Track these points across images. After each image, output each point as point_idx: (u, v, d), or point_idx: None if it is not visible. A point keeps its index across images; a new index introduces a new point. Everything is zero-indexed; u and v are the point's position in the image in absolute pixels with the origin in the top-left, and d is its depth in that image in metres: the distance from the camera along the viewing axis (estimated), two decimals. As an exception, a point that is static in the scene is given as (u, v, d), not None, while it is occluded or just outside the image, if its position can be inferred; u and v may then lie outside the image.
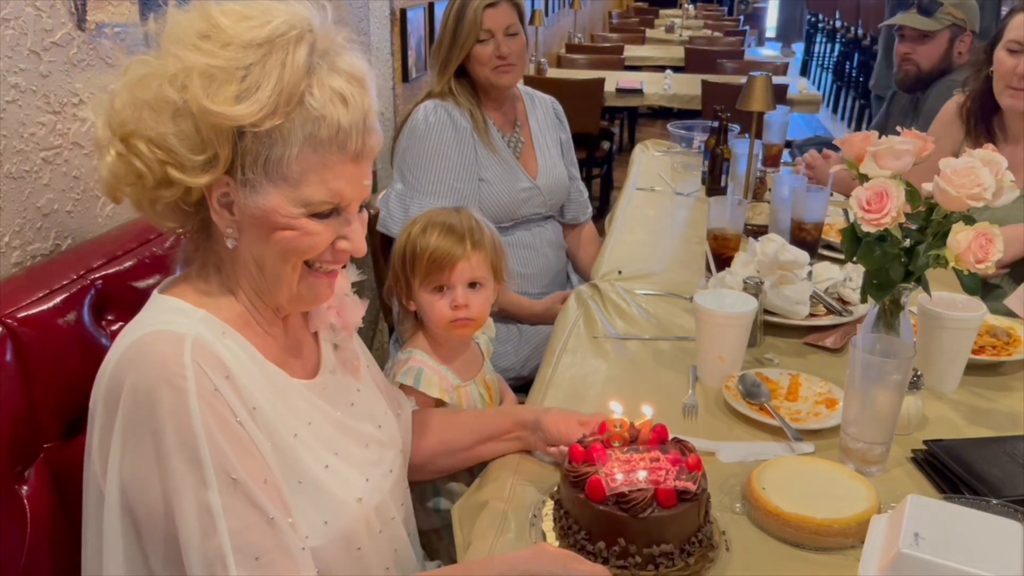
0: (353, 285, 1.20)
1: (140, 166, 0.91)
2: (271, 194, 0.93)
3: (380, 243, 2.27)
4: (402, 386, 1.45)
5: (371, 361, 1.26)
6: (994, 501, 1.04)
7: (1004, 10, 3.60)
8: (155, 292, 1.01)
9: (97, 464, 0.91)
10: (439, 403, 1.48)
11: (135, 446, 0.88)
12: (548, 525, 1.08)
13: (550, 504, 1.11)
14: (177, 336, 0.90)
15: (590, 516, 1.00)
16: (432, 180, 2.07)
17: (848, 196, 1.20)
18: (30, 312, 1.03)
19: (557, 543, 1.04)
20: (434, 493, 1.49)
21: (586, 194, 2.46)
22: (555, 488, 1.13)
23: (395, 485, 1.15)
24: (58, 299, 1.07)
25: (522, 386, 1.92)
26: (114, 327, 1.15)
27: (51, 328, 1.05)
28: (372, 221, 2.26)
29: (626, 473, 1.01)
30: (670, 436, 1.10)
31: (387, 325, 2.38)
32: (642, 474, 1.01)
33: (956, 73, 2.67)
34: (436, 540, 1.49)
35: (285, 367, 1.03)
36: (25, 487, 1.00)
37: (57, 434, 1.05)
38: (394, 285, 1.55)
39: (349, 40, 0.98)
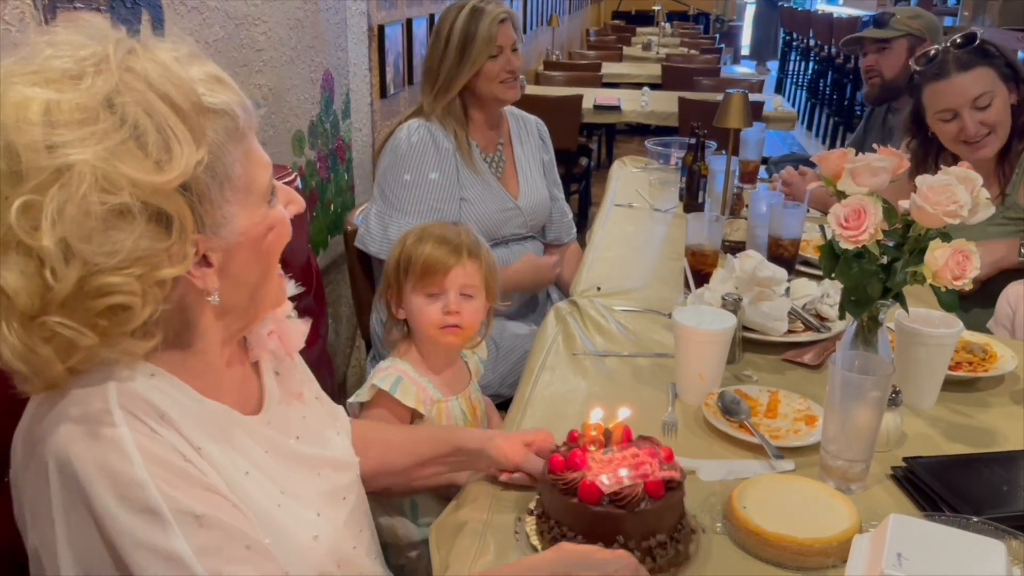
0: (291, 299, 1.09)
1: (121, 299, 0.76)
2: (238, 214, 0.85)
3: (358, 260, 2.25)
4: (378, 391, 1.43)
5: (312, 379, 1.18)
6: (975, 519, 1.03)
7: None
8: None
9: (38, 542, 0.82)
10: (414, 414, 1.47)
11: (74, 515, 0.77)
12: (536, 540, 1.07)
13: (530, 520, 1.10)
14: (96, 382, 0.80)
15: (586, 519, 1.02)
16: (412, 199, 2.06)
17: (824, 212, 1.21)
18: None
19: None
20: (411, 506, 1.47)
21: (570, 215, 2.46)
22: (531, 504, 1.13)
23: (352, 510, 1.10)
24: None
25: (501, 404, 1.91)
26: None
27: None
28: (350, 238, 2.24)
29: (611, 473, 1.05)
30: (634, 435, 1.14)
31: (364, 342, 2.36)
32: (624, 471, 1.05)
33: None
34: (416, 558, 1.46)
35: (227, 403, 0.95)
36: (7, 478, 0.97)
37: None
38: (385, 291, 1.56)
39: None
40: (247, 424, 0.97)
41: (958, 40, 2.02)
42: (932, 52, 2.04)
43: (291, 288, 1.07)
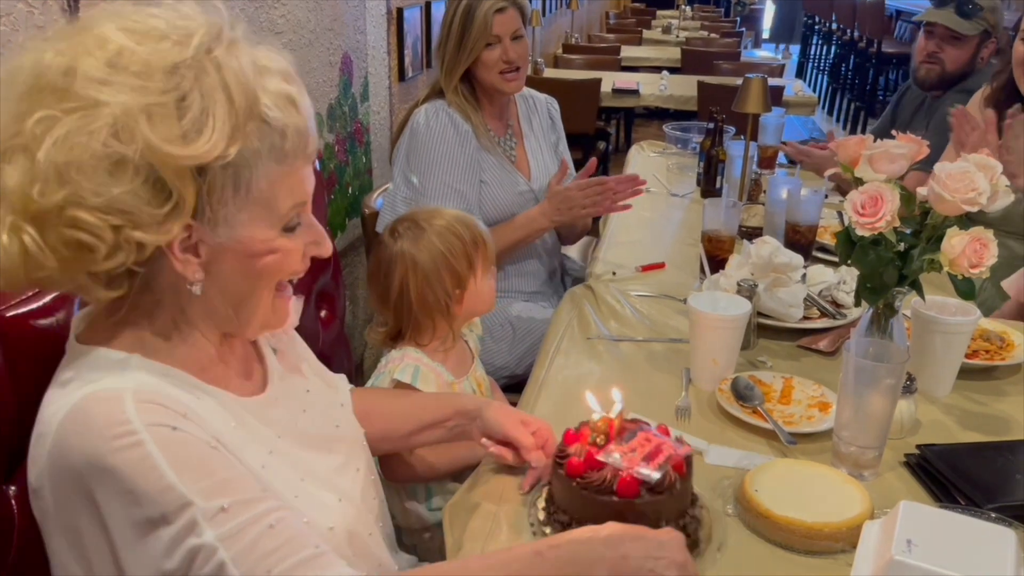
0: (307, 281, 1.14)
1: (88, 238, 0.79)
2: (244, 223, 0.86)
3: (376, 243, 2.26)
4: (399, 383, 1.44)
5: (309, 354, 1.20)
6: (993, 515, 1.03)
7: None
8: (71, 340, 0.91)
9: (68, 546, 0.84)
10: None
11: (119, 524, 0.80)
12: None
13: (548, 531, 1.06)
14: (113, 394, 0.82)
15: (627, 514, 0.99)
16: (437, 184, 2.06)
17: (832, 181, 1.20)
18: (18, 311, 1.02)
19: None
20: (427, 495, 1.49)
21: None
22: (541, 515, 1.09)
23: (365, 482, 1.11)
24: (47, 298, 1.06)
25: (515, 385, 1.92)
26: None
27: (40, 327, 1.04)
28: (367, 220, 2.25)
29: (642, 463, 1.03)
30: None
31: (381, 324, 2.37)
32: (647, 458, 1.04)
33: (973, 80, 2.63)
34: (429, 539, 1.48)
35: (239, 391, 0.97)
36: (12, 487, 1.00)
37: (46, 433, 1.04)
38: (453, 290, 1.49)
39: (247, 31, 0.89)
40: (257, 409, 0.98)
41: None
42: None
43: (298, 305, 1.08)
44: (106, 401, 0.82)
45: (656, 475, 1.00)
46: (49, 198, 0.77)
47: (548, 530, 1.06)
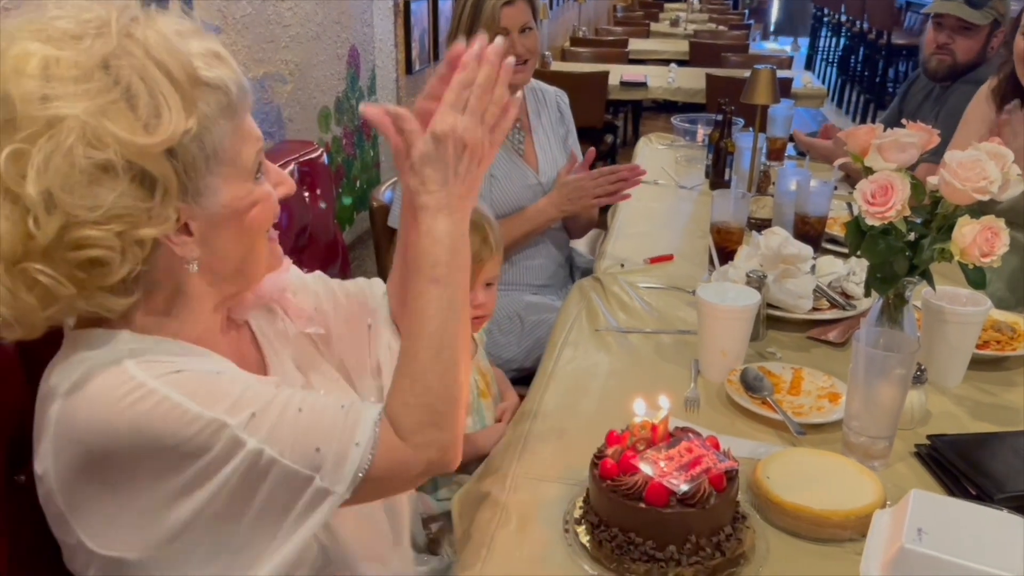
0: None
1: (98, 253, 0.78)
2: (221, 188, 0.86)
3: (384, 236, 2.26)
4: None
5: (330, 293, 1.16)
6: (1004, 510, 1.02)
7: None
8: (67, 325, 0.90)
9: (92, 540, 0.84)
10: None
11: (155, 479, 0.81)
12: (595, 551, 1.02)
13: (582, 530, 1.05)
14: (111, 362, 0.82)
15: (654, 523, 0.97)
16: None
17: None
18: (30, 302, 1.02)
19: (614, 565, 1.00)
20: (434, 486, 1.49)
21: None
22: (577, 512, 1.08)
23: None
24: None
25: (524, 378, 1.92)
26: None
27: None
28: (376, 214, 2.25)
29: (675, 471, 0.99)
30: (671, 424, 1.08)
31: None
32: (683, 468, 1.00)
33: (982, 70, 2.61)
34: (437, 529, 1.48)
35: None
36: (23, 476, 1.00)
37: (57, 424, 1.04)
38: None
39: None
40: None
41: None
42: None
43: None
44: (106, 370, 0.82)
45: (684, 487, 0.97)
46: (47, 229, 0.76)
47: (579, 528, 1.06)
